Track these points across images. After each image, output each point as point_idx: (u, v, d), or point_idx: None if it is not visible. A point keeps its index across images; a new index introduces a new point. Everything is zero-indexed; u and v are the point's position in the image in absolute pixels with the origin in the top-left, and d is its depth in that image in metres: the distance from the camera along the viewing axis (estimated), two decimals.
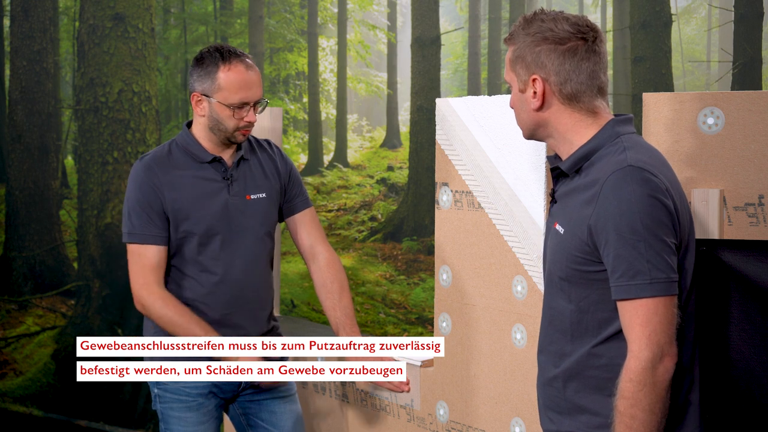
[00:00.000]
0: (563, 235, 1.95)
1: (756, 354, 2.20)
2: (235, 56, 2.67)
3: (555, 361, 2.01)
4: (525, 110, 2.01)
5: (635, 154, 1.89)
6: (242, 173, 2.77)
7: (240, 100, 2.66)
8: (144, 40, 7.86)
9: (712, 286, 2.23)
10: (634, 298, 1.82)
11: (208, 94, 2.67)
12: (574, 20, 1.95)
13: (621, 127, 1.96)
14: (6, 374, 7.76)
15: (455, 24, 12.88)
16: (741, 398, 2.23)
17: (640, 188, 1.83)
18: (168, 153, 2.74)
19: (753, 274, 2.19)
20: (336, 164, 12.04)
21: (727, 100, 2.25)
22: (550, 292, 2.03)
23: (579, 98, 1.95)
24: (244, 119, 2.67)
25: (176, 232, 2.70)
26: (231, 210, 2.72)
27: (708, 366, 2.23)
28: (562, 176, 2.02)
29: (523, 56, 1.97)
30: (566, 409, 1.99)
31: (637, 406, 1.82)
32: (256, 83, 2.68)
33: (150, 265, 2.68)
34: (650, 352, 1.81)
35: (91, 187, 7.84)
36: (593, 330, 1.93)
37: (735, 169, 2.24)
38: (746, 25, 7.13)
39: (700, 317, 2.18)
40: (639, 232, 1.81)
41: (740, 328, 2.22)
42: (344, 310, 2.80)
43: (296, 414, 2.92)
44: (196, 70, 2.69)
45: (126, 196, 2.72)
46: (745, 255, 2.21)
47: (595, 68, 1.94)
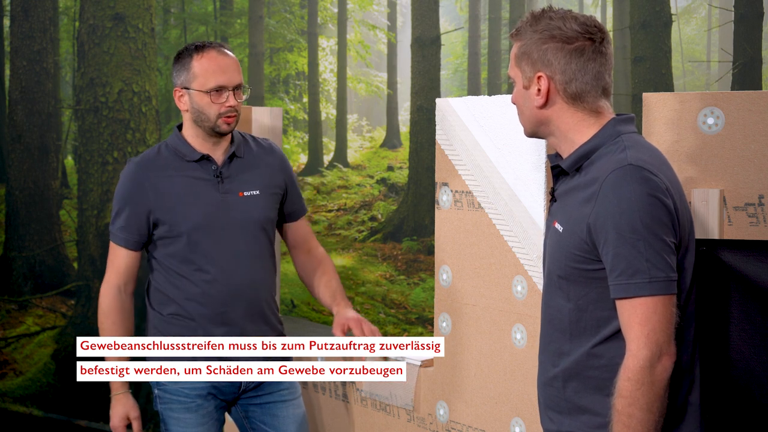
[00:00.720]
0: (562, 233, 1.95)
1: (756, 354, 2.20)
2: (209, 45, 2.71)
3: (554, 360, 2.01)
4: (528, 107, 2.01)
5: (635, 153, 1.89)
6: (234, 170, 2.76)
7: (216, 83, 2.67)
8: (144, 40, 7.86)
9: (712, 286, 2.23)
10: (633, 296, 1.82)
11: (186, 86, 2.70)
12: (582, 20, 1.95)
13: (622, 126, 1.96)
14: (6, 374, 7.76)
15: (455, 24, 12.88)
16: (741, 398, 2.23)
17: (640, 187, 1.83)
18: (157, 154, 2.76)
19: (753, 274, 2.19)
20: (336, 164, 12.04)
21: (727, 100, 2.25)
22: (549, 291, 2.03)
23: (583, 98, 1.95)
24: (224, 104, 2.68)
25: (166, 231, 2.70)
26: (221, 207, 2.71)
27: (708, 366, 2.23)
28: (562, 175, 2.02)
29: (529, 53, 1.97)
30: (566, 409, 1.99)
31: (634, 405, 1.82)
32: (231, 67, 2.69)
33: (117, 265, 2.78)
34: (649, 351, 1.81)
35: (91, 187, 7.84)
36: (592, 329, 1.93)
37: (735, 169, 2.24)
38: (746, 25, 7.13)
39: (700, 317, 2.18)
40: (638, 231, 1.81)
41: (740, 328, 2.22)
42: (339, 286, 2.90)
43: (300, 418, 2.88)
44: (174, 66, 2.73)
45: (114, 195, 2.78)
46: (745, 255, 2.21)
47: (601, 69, 1.94)
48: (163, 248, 2.73)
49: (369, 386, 3.07)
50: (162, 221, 2.70)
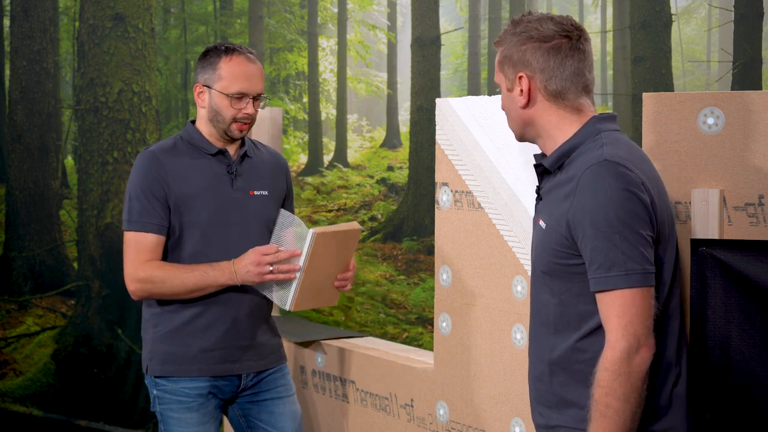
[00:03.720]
0: (545, 230, 1.99)
1: (756, 354, 2.20)
2: (238, 50, 2.74)
3: (540, 354, 2.04)
4: (513, 109, 2.05)
5: (612, 150, 1.92)
6: (246, 169, 2.80)
7: (239, 89, 2.69)
8: (144, 40, 7.86)
9: (712, 286, 2.23)
10: (611, 289, 1.86)
11: (209, 85, 2.72)
12: (558, 20, 2.00)
13: (602, 124, 1.99)
14: (6, 374, 7.76)
15: (455, 24, 12.88)
16: (741, 398, 2.23)
17: (616, 182, 1.86)
18: (173, 145, 2.77)
19: (753, 274, 2.19)
20: (336, 164, 12.04)
21: (727, 100, 2.25)
22: (535, 286, 2.06)
23: (564, 95, 1.99)
24: (242, 111, 2.70)
25: (180, 221, 2.71)
26: (234, 204, 2.74)
27: (708, 366, 2.23)
28: (546, 173, 2.06)
29: (510, 56, 2.02)
30: (554, 403, 2.02)
31: (612, 395, 1.85)
32: (256, 76, 2.72)
33: (146, 250, 2.68)
34: (626, 342, 1.84)
35: (91, 187, 7.83)
36: (575, 323, 1.96)
37: (735, 169, 2.24)
38: (746, 25, 7.13)
39: (700, 317, 2.19)
40: (614, 225, 1.85)
41: (740, 328, 2.22)
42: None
43: (296, 415, 2.92)
44: (200, 62, 2.75)
45: (129, 184, 2.72)
46: (745, 255, 2.21)
47: (580, 66, 1.99)
48: (174, 240, 2.73)
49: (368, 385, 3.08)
50: (179, 210, 2.70)
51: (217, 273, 2.66)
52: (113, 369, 7.23)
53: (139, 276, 2.67)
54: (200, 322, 2.74)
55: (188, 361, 2.75)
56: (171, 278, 2.65)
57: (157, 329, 2.78)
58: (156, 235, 2.69)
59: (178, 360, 2.75)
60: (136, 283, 2.68)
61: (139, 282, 2.67)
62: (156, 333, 2.78)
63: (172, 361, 2.75)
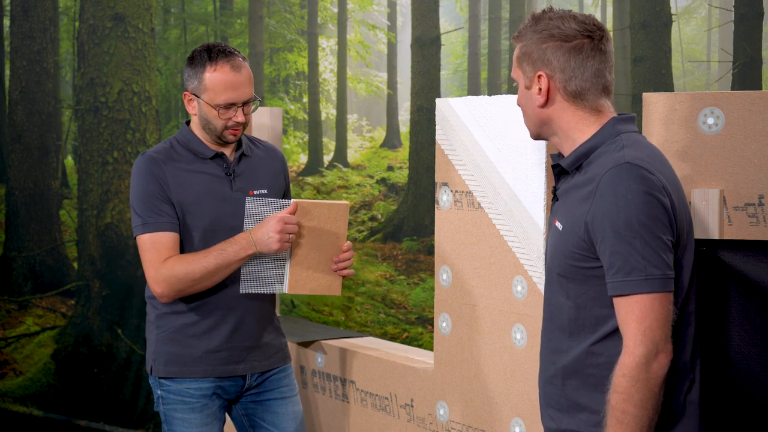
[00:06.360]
0: (562, 231, 1.96)
1: (756, 354, 2.20)
2: (223, 56, 2.65)
3: (553, 357, 2.02)
4: (530, 107, 2.02)
5: (633, 152, 1.89)
6: (244, 169, 2.79)
7: (225, 101, 2.65)
8: (144, 40, 7.86)
9: (712, 286, 2.23)
10: (630, 294, 1.83)
11: (196, 94, 2.69)
12: (581, 19, 1.96)
13: (622, 126, 1.97)
14: (6, 374, 7.76)
15: (455, 24, 12.87)
16: (741, 399, 2.22)
17: (637, 185, 1.84)
18: (170, 148, 2.75)
19: (753, 274, 2.19)
20: (336, 164, 12.03)
21: (727, 100, 2.25)
22: (550, 289, 2.04)
23: (583, 96, 1.96)
24: (231, 119, 2.68)
25: (181, 226, 2.71)
26: (234, 205, 2.74)
27: (708, 366, 2.23)
28: (563, 174, 2.03)
29: (529, 53, 1.99)
30: (566, 407, 1.99)
31: (629, 401, 1.83)
32: (243, 84, 2.66)
33: (164, 249, 2.63)
34: (645, 348, 1.82)
35: (91, 187, 7.83)
36: (590, 327, 1.94)
37: (735, 169, 2.24)
38: (746, 25, 7.12)
39: (700, 317, 2.18)
40: (635, 229, 1.82)
41: (740, 328, 2.22)
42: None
43: (298, 415, 2.92)
44: (187, 69, 2.71)
45: (131, 190, 2.69)
46: (745, 255, 2.21)
47: (601, 67, 1.96)
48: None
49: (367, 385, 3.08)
50: (180, 215, 2.70)
51: (235, 247, 2.60)
52: (113, 369, 7.22)
53: (162, 275, 2.62)
54: (205, 323, 2.74)
55: (193, 362, 2.75)
56: (193, 267, 2.60)
57: (162, 330, 2.78)
58: (171, 233, 2.66)
59: (183, 361, 2.75)
60: (161, 284, 2.63)
61: (164, 281, 2.62)
62: (160, 334, 2.78)
63: (177, 362, 2.75)
